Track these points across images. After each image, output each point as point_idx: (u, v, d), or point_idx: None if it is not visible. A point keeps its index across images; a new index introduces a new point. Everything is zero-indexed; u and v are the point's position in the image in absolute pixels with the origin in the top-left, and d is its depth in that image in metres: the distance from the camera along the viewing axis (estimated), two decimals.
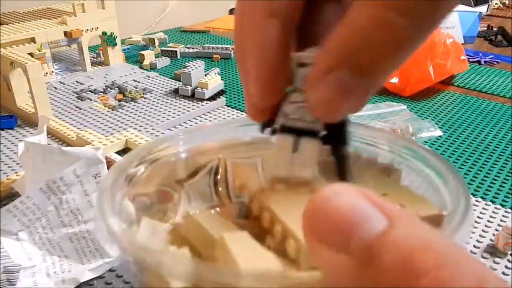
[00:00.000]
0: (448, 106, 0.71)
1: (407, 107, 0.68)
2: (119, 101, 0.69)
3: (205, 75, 0.74)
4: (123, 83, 0.76)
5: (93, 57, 0.87)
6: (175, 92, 0.72)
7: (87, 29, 0.78)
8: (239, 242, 0.15)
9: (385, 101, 0.70)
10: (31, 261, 0.33)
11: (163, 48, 0.91)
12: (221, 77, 0.75)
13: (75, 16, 0.76)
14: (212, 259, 0.15)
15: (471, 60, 0.92)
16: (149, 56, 0.87)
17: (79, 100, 0.70)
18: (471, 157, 0.56)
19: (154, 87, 0.75)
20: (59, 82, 0.76)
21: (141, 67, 0.84)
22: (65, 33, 0.75)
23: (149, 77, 0.79)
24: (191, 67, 0.72)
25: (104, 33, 0.80)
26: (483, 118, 0.66)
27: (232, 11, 1.52)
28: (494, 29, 1.15)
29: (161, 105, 0.68)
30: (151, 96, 0.71)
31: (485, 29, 1.17)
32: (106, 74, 0.80)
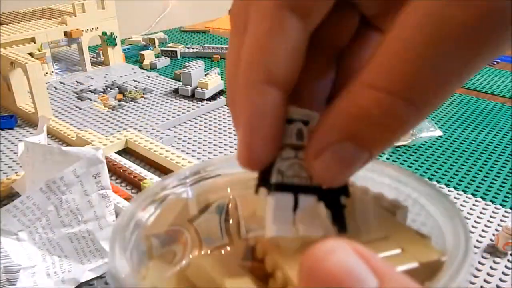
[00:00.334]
0: (448, 106, 0.71)
1: None
2: (119, 101, 0.69)
3: (205, 75, 0.74)
4: (123, 83, 0.76)
5: (93, 57, 0.88)
6: (175, 92, 0.72)
7: (87, 29, 0.78)
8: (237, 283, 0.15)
9: None
10: (31, 261, 0.33)
11: (163, 48, 0.91)
12: (221, 77, 0.75)
13: (75, 16, 0.76)
14: None
15: None
16: (149, 56, 0.87)
17: (79, 100, 0.70)
18: (471, 157, 0.56)
19: (154, 87, 0.75)
20: (59, 82, 0.76)
21: (141, 67, 0.84)
22: (65, 33, 0.75)
23: (149, 77, 0.79)
24: (191, 67, 0.72)
25: (104, 33, 0.80)
26: (483, 118, 0.66)
27: None
28: None
29: (161, 105, 0.68)
30: (151, 96, 0.71)
31: None
32: (106, 74, 0.80)
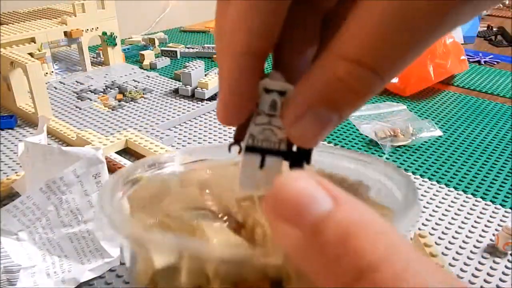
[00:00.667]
0: (448, 106, 0.71)
1: (407, 107, 0.68)
2: (119, 101, 0.69)
3: (205, 75, 0.74)
4: (123, 83, 0.76)
5: (93, 57, 0.88)
6: (175, 92, 0.72)
7: (87, 29, 0.78)
8: (215, 229, 0.17)
9: (385, 101, 0.70)
10: (31, 261, 0.33)
11: (163, 48, 0.91)
12: None
13: (75, 16, 0.76)
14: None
15: (471, 60, 0.92)
16: (149, 56, 0.87)
17: (79, 100, 0.70)
18: (471, 157, 0.56)
19: (154, 87, 0.75)
20: (59, 82, 0.76)
21: (141, 67, 0.84)
22: (65, 33, 0.75)
23: (149, 77, 0.79)
24: (191, 67, 0.72)
25: (104, 33, 0.80)
26: (483, 118, 0.66)
27: None
28: (494, 29, 1.15)
29: (161, 105, 0.68)
30: (151, 96, 0.71)
31: (485, 29, 1.17)
32: (106, 74, 0.80)
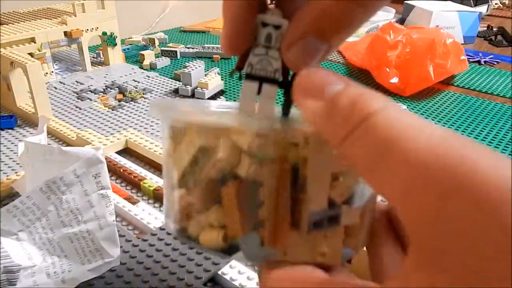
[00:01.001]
0: (448, 106, 0.71)
1: (407, 107, 0.68)
2: (119, 101, 0.69)
3: (205, 75, 0.74)
4: (123, 83, 0.76)
5: (93, 57, 0.88)
6: (175, 92, 0.72)
7: (87, 29, 0.78)
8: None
9: None
10: (31, 261, 0.33)
11: (163, 48, 0.91)
12: (221, 77, 0.75)
13: (75, 16, 0.76)
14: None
15: (471, 60, 0.92)
16: (149, 56, 0.87)
17: (79, 100, 0.70)
18: None
19: (154, 87, 0.75)
20: (59, 82, 0.76)
21: (141, 67, 0.84)
22: (65, 33, 0.75)
23: (149, 77, 0.79)
24: (191, 67, 0.72)
25: (104, 33, 0.80)
26: (483, 118, 0.66)
27: None
28: (494, 29, 1.15)
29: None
30: (151, 96, 0.71)
31: (485, 29, 1.17)
32: (106, 74, 0.80)
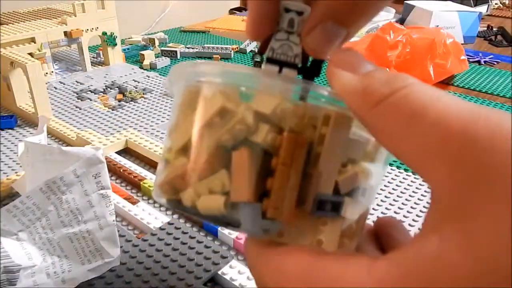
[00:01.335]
0: None
1: None
2: (119, 101, 0.69)
3: None
4: (123, 83, 0.76)
5: (93, 57, 0.88)
6: None
7: (87, 29, 0.78)
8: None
9: None
10: (31, 261, 0.33)
11: (163, 48, 0.91)
12: None
13: (75, 16, 0.76)
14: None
15: (471, 60, 0.92)
16: (149, 56, 0.87)
17: (79, 100, 0.70)
18: None
19: (154, 87, 0.75)
20: (59, 82, 0.76)
21: (141, 67, 0.84)
22: (65, 33, 0.75)
23: (149, 77, 0.79)
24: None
25: (104, 33, 0.80)
26: None
27: (232, 11, 1.52)
28: (494, 29, 1.15)
29: (161, 105, 0.68)
30: (151, 96, 0.71)
31: (485, 29, 1.17)
32: (106, 74, 0.80)
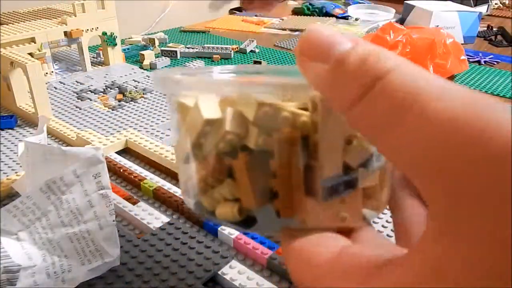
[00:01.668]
0: None
1: None
2: (119, 101, 0.69)
3: None
4: (123, 83, 0.76)
5: (93, 57, 0.87)
6: None
7: (87, 29, 0.78)
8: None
9: None
10: (31, 261, 0.33)
11: (163, 48, 0.91)
12: None
13: (75, 16, 0.76)
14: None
15: (471, 60, 0.92)
16: (149, 56, 0.87)
17: (79, 100, 0.70)
18: None
19: (154, 87, 0.75)
20: (59, 82, 0.76)
21: (141, 67, 0.84)
22: (65, 33, 0.75)
23: (149, 77, 0.79)
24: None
25: (104, 33, 0.80)
26: None
27: (232, 11, 1.52)
28: (494, 29, 1.15)
29: (161, 105, 0.68)
30: (151, 96, 0.71)
31: (485, 29, 1.17)
32: (106, 74, 0.80)
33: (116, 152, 0.53)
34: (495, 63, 0.92)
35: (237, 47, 0.95)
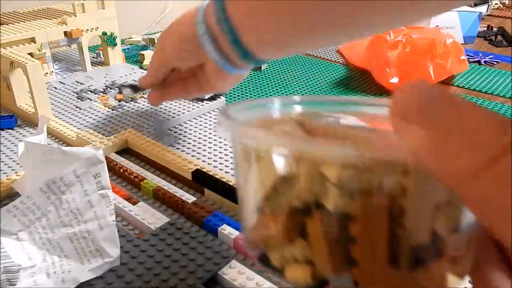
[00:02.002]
0: None
1: None
2: (119, 101, 0.69)
3: None
4: (123, 83, 0.75)
5: (93, 57, 0.87)
6: None
7: (87, 29, 0.78)
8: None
9: None
10: (31, 261, 0.33)
11: None
12: None
13: (75, 16, 0.76)
14: None
15: (471, 60, 0.92)
16: (149, 56, 0.87)
17: (79, 100, 0.70)
18: None
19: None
20: (59, 82, 0.76)
21: (141, 67, 0.84)
22: (65, 33, 0.75)
23: None
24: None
25: (104, 33, 0.80)
26: None
27: None
28: (494, 29, 1.15)
29: (161, 105, 0.68)
30: None
31: (485, 29, 1.17)
32: (106, 74, 0.80)
33: (116, 152, 0.53)
34: (495, 63, 0.92)
35: None
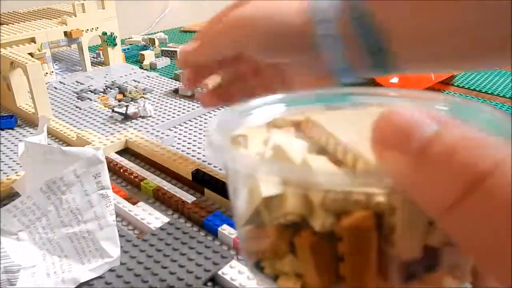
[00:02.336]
0: None
1: None
2: (119, 101, 0.69)
3: None
4: (123, 83, 0.76)
5: (93, 57, 0.88)
6: (175, 92, 0.72)
7: (87, 29, 0.78)
8: (319, 162, 0.18)
9: None
10: (31, 261, 0.33)
11: (163, 48, 0.91)
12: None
13: (75, 16, 0.76)
14: None
15: None
16: (149, 56, 0.87)
17: (79, 100, 0.70)
18: None
19: (154, 87, 0.75)
20: (59, 82, 0.76)
21: (141, 67, 0.84)
22: (65, 33, 0.75)
23: (149, 77, 0.79)
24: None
25: (104, 33, 0.80)
26: None
27: None
28: None
29: (161, 105, 0.68)
30: (151, 96, 0.71)
31: None
32: (106, 74, 0.80)
33: (116, 152, 0.53)
34: None
35: None
